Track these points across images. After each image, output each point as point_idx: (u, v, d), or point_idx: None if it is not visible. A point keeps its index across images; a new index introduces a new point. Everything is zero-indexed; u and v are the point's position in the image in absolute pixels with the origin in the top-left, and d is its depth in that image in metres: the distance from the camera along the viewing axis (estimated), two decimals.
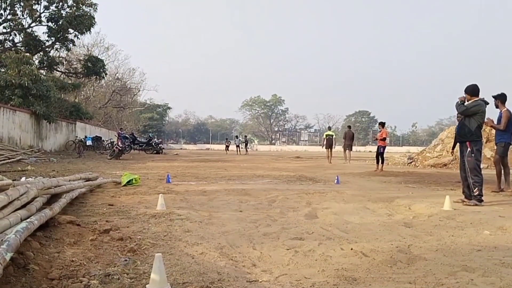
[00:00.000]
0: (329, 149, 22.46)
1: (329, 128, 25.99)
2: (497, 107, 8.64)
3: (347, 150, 22.35)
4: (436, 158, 19.91)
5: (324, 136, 23.41)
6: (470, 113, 6.90)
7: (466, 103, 7.06)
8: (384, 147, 16.22)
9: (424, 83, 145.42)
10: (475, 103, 6.93)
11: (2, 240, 2.76)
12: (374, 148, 17.42)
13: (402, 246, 3.90)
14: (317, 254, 3.65)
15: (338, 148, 29.30)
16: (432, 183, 10.95)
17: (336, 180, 10.35)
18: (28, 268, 2.84)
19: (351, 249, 3.78)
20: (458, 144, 7.38)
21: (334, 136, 23.55)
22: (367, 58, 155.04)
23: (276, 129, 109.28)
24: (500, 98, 8.59)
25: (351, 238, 4.29)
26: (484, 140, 9.86)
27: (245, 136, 48.45)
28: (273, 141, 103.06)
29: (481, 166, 7.16)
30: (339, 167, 18.76)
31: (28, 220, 3.46)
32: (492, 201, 7.23)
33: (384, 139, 16.28)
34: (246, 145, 42.69)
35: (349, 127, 25.04)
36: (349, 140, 22.34)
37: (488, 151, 16.28)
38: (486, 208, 6.46)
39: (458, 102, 7.07)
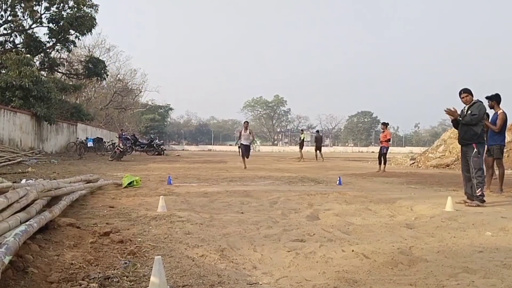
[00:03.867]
0: (301, 149, 26.93)
1: (302, 131, 29.12)
2: (491, 108, 8.60)
3: (317, 151, 26.72)
4: (438, 159, 19.86)
5: (302, 138, 27.31)
6: (481, 119, 6.93)
7: (466, 105, 7.11)
8: (387, 148, 16.24)
9: (427, 83, 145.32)
10: (480, 107, 6.95)
11: (1, 243, 2.75)
12: (376, 149, 17.54)
13: (404, 248, 3.88)
14: (318, 256, 3.63)
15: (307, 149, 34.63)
16: (434, 184, 10.92)
17: (338, 181, 10.33)
18: (27, 271, 2.83)
19: (352, 250, 3.76)
20: (460, 146, 7.36)
21: (305, 138, 27.75)
22: (370, 58, 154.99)
23: (278, 130, 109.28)
24: (496, 99, 8.55)
25: (353, 240, 4.27)
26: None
27: None
28: (276, 142, 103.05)
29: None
30: (341, 168, 18.74)
31: (27, 223, 3.45)
32: (494, 202, 7.20)
33: (388, 140, 16.30)
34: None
35: (318, 131, 31.37)
36: (318, 143, 27.23)
37: None
38: (488, 209, 6.44)
39: (465, 116, 7.03)
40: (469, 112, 6.99)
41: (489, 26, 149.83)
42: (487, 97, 8.50)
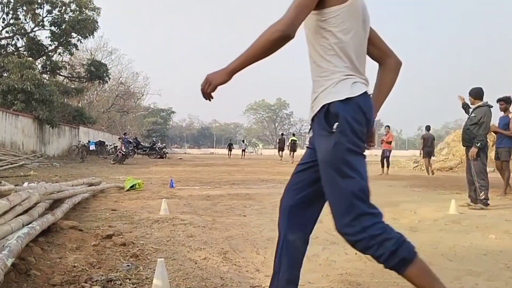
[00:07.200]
0: (292, 152, 28.62)
1: (293, 135, 32.41)
2: (504, 110, 8.50)
3: (280, 151, 31.65)
4: (442, 162, 19.82)
5: (290, 141, 29.59)
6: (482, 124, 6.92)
7: (470, 106, 7.09)
8: (390, 151, 16.19)
9: (430, 85, 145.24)
10: (487, 113, 6.90)
11: (3, 245, 2.75)
12: (379, 152, 17.48)
13: None
14: (321, 259, 3.62)
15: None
16: (438, 187, 10.89)
17: None
18: (30, 274, 2.82)
19: (356, 253, 3.73)
20: (464, 148, 7.33)
21: (297, 141, 30.74)
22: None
23: (280, 133, 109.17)
24: (510, 102, 8.47)
25: None
26: (490, 143, 9.81)
27: (230, 139, 47.87)
28: None
29: (487, 170, 7.13)
30: None
31: (30, 225, 3.45)
32: (498, 205, 7.17)
33: (390, 143, 16.26)
34: (230, 149, 41.32)
35: (282, 134, 36.95)
36: (281, 144, 31.85)
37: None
38: (492, 212, 6.41)
39: (462, 105, 7.20)
40: (473, 115, 6.95)
41: (495, 27, 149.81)
42: (500, 99, 8.42)
